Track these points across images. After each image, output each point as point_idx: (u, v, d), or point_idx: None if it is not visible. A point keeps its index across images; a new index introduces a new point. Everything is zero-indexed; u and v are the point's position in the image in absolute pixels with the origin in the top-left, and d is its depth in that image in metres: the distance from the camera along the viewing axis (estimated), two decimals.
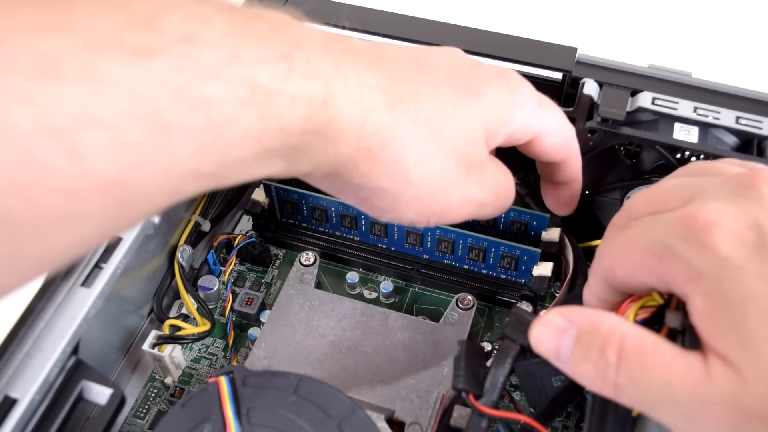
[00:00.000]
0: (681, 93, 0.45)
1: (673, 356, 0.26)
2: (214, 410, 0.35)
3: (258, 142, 0.27)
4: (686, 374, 0.25)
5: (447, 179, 0.33)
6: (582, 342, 0.28)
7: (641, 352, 0.27)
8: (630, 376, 0.26)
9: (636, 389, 0.26)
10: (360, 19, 0.51)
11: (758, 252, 0.25)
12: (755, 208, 0.27)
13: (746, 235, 0.26)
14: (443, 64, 0.35)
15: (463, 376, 0.35)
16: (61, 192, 0.22)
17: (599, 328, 0.28)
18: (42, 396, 0.36)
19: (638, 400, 0.27)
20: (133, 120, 0.23)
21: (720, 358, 0.25)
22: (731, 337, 0.25)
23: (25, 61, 0.21)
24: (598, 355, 0.27)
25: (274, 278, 0.52)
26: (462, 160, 0.34)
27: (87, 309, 0.38)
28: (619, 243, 0.30)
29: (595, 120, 0.45)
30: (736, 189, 0.28)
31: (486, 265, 0.49)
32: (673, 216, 0.28)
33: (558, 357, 0.29)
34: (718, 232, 0.26)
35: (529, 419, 0.34)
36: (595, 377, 0.28)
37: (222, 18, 0.26)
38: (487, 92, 0.35)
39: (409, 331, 0.46)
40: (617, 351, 0.27)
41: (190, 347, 0.48)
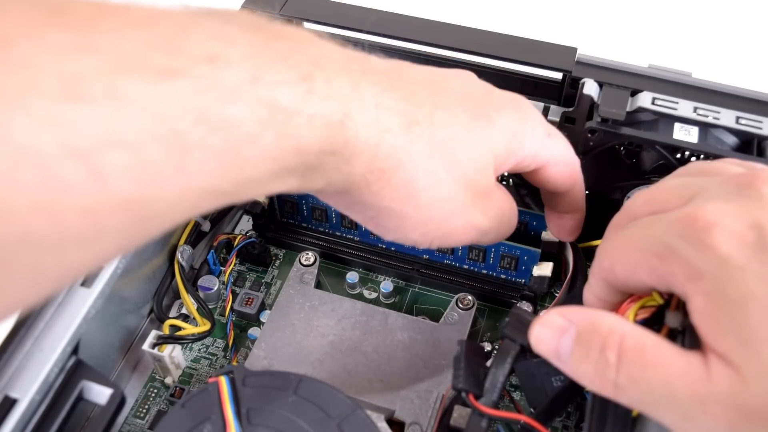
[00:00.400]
0: (681, 93, 0.45)
1: (673, 356, 0.26)
2: (214, 410, 0.35)
3: (275, 161, 0.27)
4: (686, 374, 0.25)
5: (454, 204, 0.34)
6: (582, 342, 0.28)
7: (641, 351, 0.27)
8: (630, 375, 0.27)
9: (636, 389, 0.26)
10: (360, 20, 0.51)
11: (758, 252, 0.25)
12: (755, 208, 0.27)
13: (747, 234, 0.26)
14: (458, 88, 0.35)
15: (462, 376, 0.35)
16: (82, 211, 0.22)
17: (599, 328, 0.28)
18: (42, 396, 0.36)
19: (638, 400, 0.27)
20: (154, 141, 0.23)
21: (720, 358, 0.25)
22: (731, 336, 0.25)
23: (50, 83, 0.21)
24: (598, 355, 0.27)
25: (274, 278, 0.52)
26: (470, 187, 0.34)
27: (87, 309, 0.38)
28: (619, 243, 0.30)
29: (595, 120, 0.45)
30: (736, 189, 0.28)
31: (486, 265, 0.49)
32: (673, 216, 0.28)
33: (558, 357, 0.29)
34: (719, 231, 0.26)
35: (529, 419, 0.34)
36: (595, 377, 0.28)
37: (245, 37, 0.26)
38: (500, 119, 0.35)
39: (409, 331, 0.46)
40: (617, 351, 0.27)
41: (190, 347, 0.48)
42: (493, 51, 0.49)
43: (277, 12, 0.52)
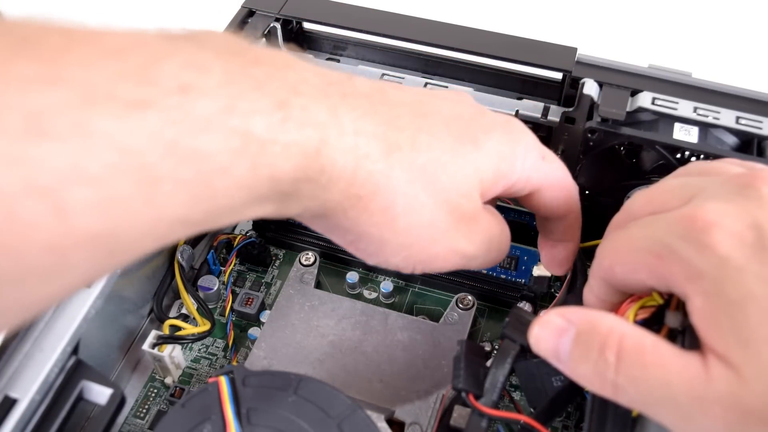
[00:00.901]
0: (681, 93, 0.46)
1: (673, 356, 0.26)
2: (214, 410, 0.35)
3: (249, 190, 0.26)
4: (685, 374, 0.25)
5: (435, 229, 0.33)
6: (581, 342, 0.28)
7: (640, 352, 0.27)
8: (629, 376, 0.27)
9: (635, 389, 0.26)
10: (360, 20, 0.51)
11: (758, 252, 0.25)
12: (755, 208, 0.27)
13: (746, 234, 0.26)
14: (446, 110, 0.34)
15: (462, 376, 0.35)
16: (45, 248, 0.22)
17: (598, 329, 0.28)
18: (42, 396, 0.36)
19: (637, 400, 0.27)
20: (121, 175, 0.23)
21: (719, 358, 0.25)
22: (730, 337, 0.25)
23: (14, 119, 0.21)
24: (597, 356, 0.27)
25: (274, 278, 0.52)
26: (453, 212, 0.33)
27: (87, 309, 0.38)
28: (619, 243, 0.30)
29: (595, 120, 0.45)
30: (736, 189, 0.28)
31: None
32: (673, 216, 0.28)
33: (557, 357, 0.29)
34: (718, 231, 0.26)
35: (529, 419, 0.34)
36: (594, 377, 0.28)
37: (220, 64, 0.26)
38: (487, 142, 0.34)
39: (409, 331, 0.46)
40: (616, 351, 0.27)
41: (190, 347, 0.48)
42: (493, 51, 0.49)
43: (277, 12, 0.52)
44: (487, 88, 0.52)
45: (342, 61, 0.54)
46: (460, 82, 0.52)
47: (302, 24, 0.54)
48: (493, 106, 0.49)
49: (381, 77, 0.51)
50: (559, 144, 0.50)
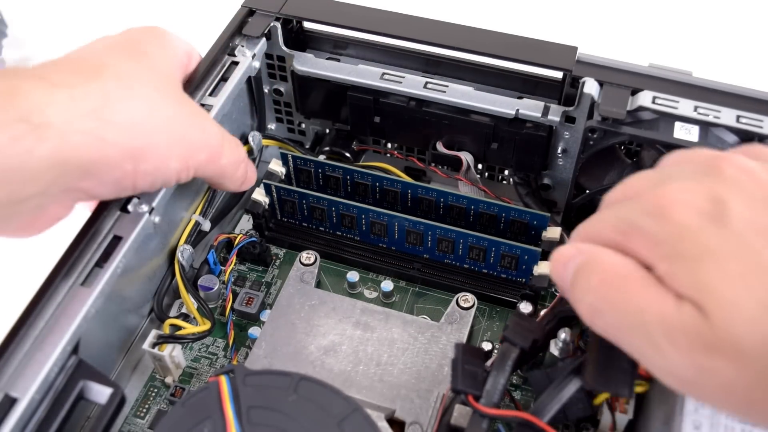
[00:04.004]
0: (681, 92, 0.45)
1: (654, 288, 0.28)
2: (214, 409, 0.35)
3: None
4: (659, 304, 0.27)
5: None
6: (581, 268, 0.30)
7: (625, 279, 0.28)
8: (608, 299, 0.29)
9: (611, 313, 0.28)
10: (361, 19, 0.51)
11: (715, 219, 0.27)
12: (716, 184, 0.29)
13: (704, 206, 0.28)
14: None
15: (460, 378, 0.36)
16: None
17: (598, 257, 0.30)
18: (42, 395, 0.36)
19: (611, 325, 0.29)
20: None
21: (689, 299, 0.27)
22: (693, 284, 0.27)
23: None
24: (586, 280, 0.30)
25: (274, 278, 0.52)
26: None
27: (87, 308, 0.38)
28: (589, 223, 0.32)
29: (595, 119, 0.45)
30: (701, 170, 0.30)
31: (486, 265, 0.49)
32: (639, 198, 0.30)
33: (564, 282, 0.31)
34: (677, 205, 0.28)
35: (530, 416, 0.34)
36: (579, 300, 0.30)
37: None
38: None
39: (409, 331, 0.45)
40: (601, 276, 0.29)
41: (190, 347, 0.48)
42: (494, 50, 0.49)
43: (278, 11, 0.52)
44: (487, 87, 0.52)
45: (342, 61, 0.54)
46: (460, 81, 0.52)
47: (302, 23, 0.54)
48: (493, 105, 0.49)
49: (381, 76, 0.51)
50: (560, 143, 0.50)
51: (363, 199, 0.52)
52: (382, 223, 0.50)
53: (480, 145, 0.52)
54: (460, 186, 0.55)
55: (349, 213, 0.50)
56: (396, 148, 0.57)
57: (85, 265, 0.40)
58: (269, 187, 0.51)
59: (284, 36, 0.53)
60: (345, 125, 0.56)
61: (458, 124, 0.51)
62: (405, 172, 0.57)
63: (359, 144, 0.57)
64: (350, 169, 0.51)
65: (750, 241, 0.26)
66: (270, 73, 0.55)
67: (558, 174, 0.52)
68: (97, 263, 0.40)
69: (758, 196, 0.28)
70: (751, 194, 0.28)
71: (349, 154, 0.56)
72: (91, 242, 0.40)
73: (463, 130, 0.52)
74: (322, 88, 0.54)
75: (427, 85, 0.51)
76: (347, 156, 0.56)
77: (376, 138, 0.57)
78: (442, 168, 0.55)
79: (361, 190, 0.52)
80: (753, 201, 0.28)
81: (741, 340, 0.25)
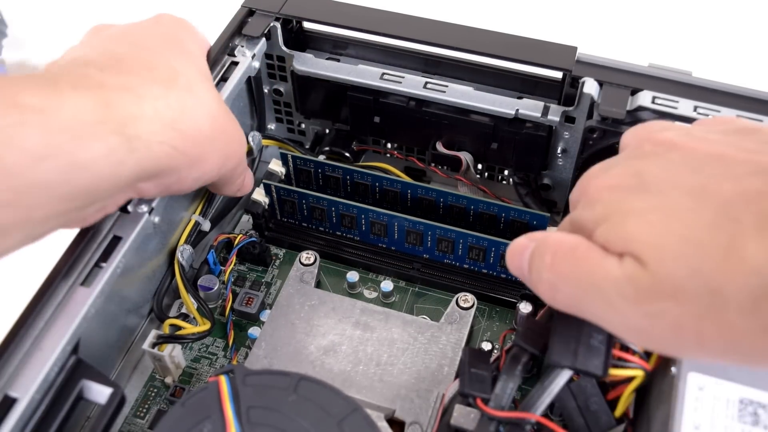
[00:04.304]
0: (681, 92, 0.46)
1: (599, 254, 0.30)
2: (214, 409, 0.35)
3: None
4: (604, 264, 0.29)
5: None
6: (534, 253, 0.32)
7: (572, 251, 0.30)
8: (560, 272, 0.30)
9: (565, 283, 0.30)
10: (360, 19, 0.51)
11: (637, 188, 0.30)
12: (637, 161, 0.31)
13: (628, 181, 0.30)
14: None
15: (468, 382, 0.36)
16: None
17: (547, 240, 0.32)
18: (42, 395, 0.36)
19: (569, 295, 0.30)
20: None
21: (627, 254, 0.29)
22: (623, 239, 0.29)
23: None
24: (539, 260, 0.31)
25: (274, 278, 0.52)
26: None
27: (87, 308, 0.38)
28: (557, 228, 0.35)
29: (595, 119, 0.45)
30: (630, 154, 0.33)
31: (486, 265, 0.49)
32: (583, 196, 0.33)
33: (522, 271, 0.33)
34: (604, 191, 0.31)
35: (540, 417, 0.34)
36: (538, 282, 0.32)
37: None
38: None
39: (409, 331, 0.45)
40: (552, 251, 0.31)
41: (190, 347, 0.48)
42: (494, 50, 0.49)
43: (277, 11, 0.52)
44: (487, 87, 0.52)
45: (342, 61, 0.54)
46: (460, 81, 0.52)
47: (302, 23, 0.54)
48: (493, 105, 0.49)
49: (381, 77, 0.51)
50: (559, 143, 0.50)
51: (363, 199, 0.52)
52: (381, 223, 0.50)
53: (480, 145, 0.52)
54: (460, 186, 0.55)
55: (349, 213, 0.50)
56: (396, 148, 0.57)
57: (85, 265, 0.40)
58: (269, 187, 0.51)
59: (284, 36, 0.53)
60: (345, 125, 0.56)
61: (458, 124, 0.51)
62: (405, 172, 0.57)
63: (359, 144, 0.58)
64: (350, 169, 0.51)
65: (667, 194, 0.29)
66: (270, 73, 0.55)
67: (558, 174, 0.52)
68: (97, 263, 0.40)
69: (674, 159, 0.30)
70: (667, 159, 0.30)
71: (348, 154, 0.56)
72: (91, 242, 0.40)
73: (463, 130, 0.52)
74: (322, 88, 0.54)
75: (426, 85, 0.51)
76: (347, 156, 0.56)
77: (376, 138, 0.57)
78: (442, 168, 0.55)
79: (361, 190, 0.52)
80: (668, 164, 0.30)
81: (675, 277, 0.27)
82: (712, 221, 0.27)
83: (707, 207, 0.27)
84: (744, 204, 0.26)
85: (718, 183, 0.28)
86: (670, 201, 0.28)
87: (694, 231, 0.27)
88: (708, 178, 0.28)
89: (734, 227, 0.26)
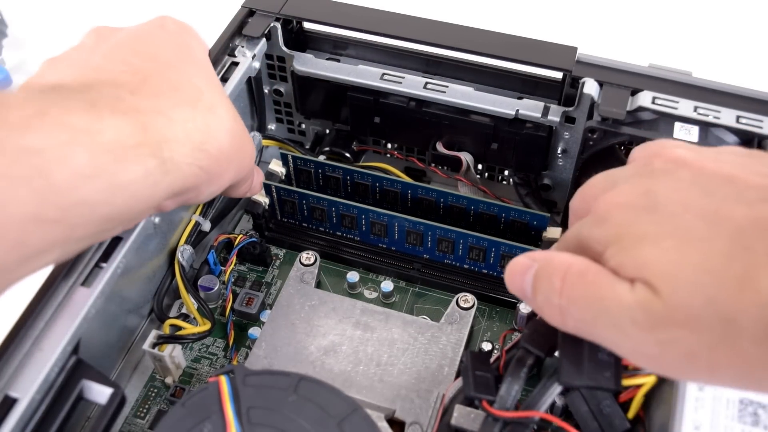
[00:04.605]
0: (681, 92, 0.46)
1: (610, 278, 0.29)
2: (214, 409, 0.35)
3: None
4: (616, 289, 0.29)
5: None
6: (538, 275, 0.31)
7: (583, 275, 0.30)
8: (571, 297, 0.30)
9: (576, 308, 0.30)
10: (360, 19, 0.51)
11: (649, 209, 0.29)
12: (647, 179, 0.31)
13: (638, 201, 0.30)
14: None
15: (473, 385, 0.36)
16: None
17: (552, 261, 0.31)
18: (42, 395, 0.36)
19: (580, 320, 0.30)
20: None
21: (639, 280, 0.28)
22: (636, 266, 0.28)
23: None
24: (548, 283, 0.31)
25: (274, 278, 0.52)
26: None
27: (87, 308, 0.38)
28: (559, 245, 0.34)
29: (595, 119, 0.45)
30: (637, 170, 0.32)
31: (486, 265, 0.49)
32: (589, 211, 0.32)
33: (524, 293, 0.32)
34: (614, 208, 0.30)
35: (545, 414, 0.34)
36: (545, 305, 0.31)
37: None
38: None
39: (410, 331, 0.45)
40: (561, 276, 0.30)
41: (190, 347, 0.48)
42: (494, 50, 0.49)
43: (278, 12, 0.52)
44: (487, 87, 0.52)
45: (342, 61, 0.54)
46: (460, 81, 0.52)
47: (302, 24, 0.54)
48: (493, 105, 0.49)
49: (381, 77, 0.51)
50: (560, 143, 0.50)
51: (363, 199, 0.52)
52: (382, 223, 0.50)
53: (480, 145, 0.52)
54: (460, 186, 0.55)
55: (349, 213, 0.50)
56: (396, 149, 0.57)
57: (86, 265, 0.40)
58: (269, 187, 0.51)
59: (284, 36, 0.53)
60: (345, 125, 0.56)
61: (458, 124, 0.51)
62: (405, 172, 0.57)
63: (359, 144, 0.58)
64: (350, 169, 0.51)
65: (680, 217, 0.28)
66: (270, 74, 0.55)
67: (558, 174, 0.52)
68: (98, 263, 0.40)
69: (685, 177, 0.30)
70: (679, 178, 0.30)
71: (349, 154, 0.56)
72: None
73: (463, 131, 0.52)
74: (322, 88, 0.54)
75: (427, 86, 0.51)
76: (347, 156, 0.56)
77: (376, 138, 0.57)
78: (442, 168, 0.55)
79: (361, 190, 0.52)
80: (680, 183, 0.30)
81: (689, 306, 0.27)
82: (727, 250, 0.27)
83: (721, 234, 0.27)
84: (758, 232, 0.26)
85: (730, 208, 0.27)
86: (683, 226, 0.28)
87: (709, 260, 0.27)
88: (720, 201, 0.28)
89: (748, 257, 0.26)
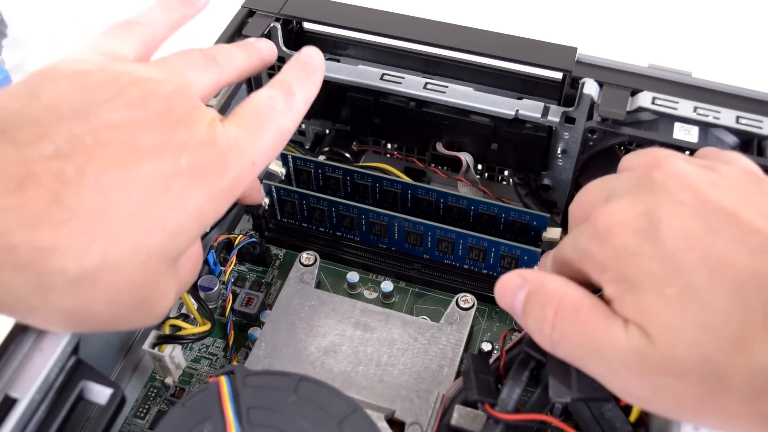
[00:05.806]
0: (681, 93, 0.46)
1: (604, 316, 0.29)
2: (214, 410, 0.35)
3: None
4: (610, 331, 0.29)
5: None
6: (530, 298, 0.32)
7: (576, 310, 0.30)
8: (563, 331, 0.30)
9: (568, 343, 0.30)
10: (360, 20, 0.51)
11: (649, 235, 0.29)
12: (647, 195, 0.30)
13: (638, 222, 0.29)
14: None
15: (474, 388, 0.36)
16: None
17: (545, 287, 0.31)
18: (42, 396, 0.36)
19: (571, 354, 0.30)
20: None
21: (633, 323, 0.29)
22: (636, 310, 0.29)
23: None
24: (540, 311, 0.31)
25: (274, 278, 0.52)
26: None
27: None
28: (556, 252, 0.35)
29: (594, 120, 0.45)
30: (635, 181, 0.32)
31: (486, 265, 0.49)
32: (589, 220, 0.32)
33: (513, 310, 0.33)
34: (614, 227, 0.30)
35: (547, 417, 0.34)
36: (537, 331, 0.31)
37: None
38: None
39: (410, 331, 0.46)
40: (555, 308, 0.30)
41: (190, 347, 0.48)
42: (494, 51, 0.49)
43: (277, 12, 0.52)
44: (487, 87, 0.52)
45: (342, 61, 0.54)
46: (460, 81, 0.52)
47: (302, 24, 0.54)
48: (493, 105, 0.49)
49: (381, 77, 0.51)
50: (559, 144, 0.50)
51: (363, 199, 0.52)
52: (382, 223, 0.50)
53: (480, 145, 0.52)
54: (460, 186, 0.55)
55: (349, 213, 0.50)
56: (396, 149, 0.57)
57: None
58: (269, 187, 0.51)
59: (284, 37, 0.53)
60: (345, 126, 0.56)
61: (458, 124, 0.51)
62: (405, 172, 0.57)
63: (359, 144, 0.58)
64: (350, 169, 0.51)
65: (684, 259, 0.28)
66: (270, 74, 0.55)
67: (558, 175, 0.52)
68: None
69: (687, 202, 0.29)
70: (680, 202, 0.29)
71: (349, 154, 0.56)
72: None
73: (463, 131, 0.52)
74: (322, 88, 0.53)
75: (426, 86, 0.51)
76: (347, 156, 0.56)
77: (376, 138, 0.57)
78: (442, 168, 0.55)
79: (361, 190, 0.52)
80: (682, 208, 0.29)
81: (683, 361, 0.27)
82: (726, 306, 0.27)
83: (722, 286, 0.27)
84: (757, 289, 0.26)
85: (733, 255, 0.27)
86: (687, 270, 0.28)
87: (708, 316, 0.27)
88: (723, 246, 0.28)
89: (746, 317, 0.26)
